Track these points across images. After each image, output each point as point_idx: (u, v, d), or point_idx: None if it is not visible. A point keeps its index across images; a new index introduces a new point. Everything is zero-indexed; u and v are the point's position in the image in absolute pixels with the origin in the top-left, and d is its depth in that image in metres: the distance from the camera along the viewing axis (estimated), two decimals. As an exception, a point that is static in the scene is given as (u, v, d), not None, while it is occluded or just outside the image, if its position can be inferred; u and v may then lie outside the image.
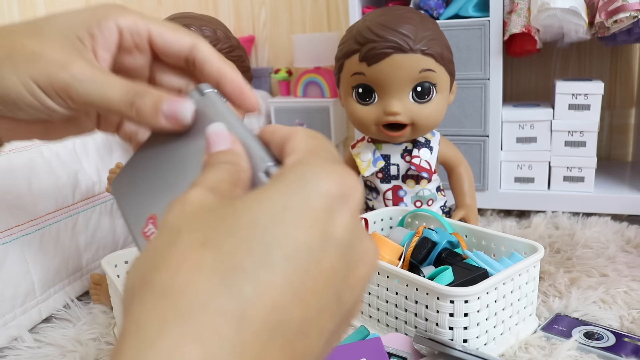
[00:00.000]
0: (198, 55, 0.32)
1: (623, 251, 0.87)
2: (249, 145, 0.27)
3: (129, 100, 0.29)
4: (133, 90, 0.29)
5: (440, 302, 0.55)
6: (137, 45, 0.32)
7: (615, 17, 0.89)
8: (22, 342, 0.67)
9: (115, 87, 0.29)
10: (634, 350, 0.57)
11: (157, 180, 0.31)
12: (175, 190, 0.28)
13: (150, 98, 0.30)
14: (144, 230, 0.29)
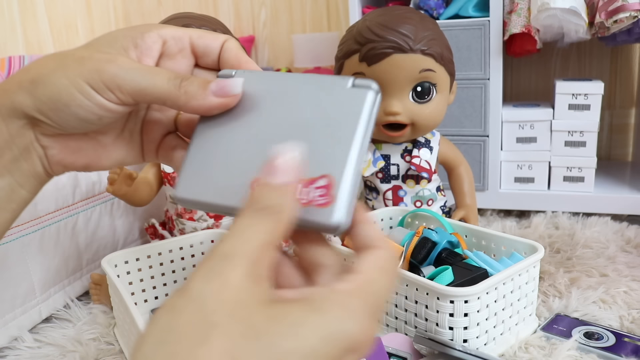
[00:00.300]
0: (224, 46, 0.35)
1: (623, 251, 0.87)
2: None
3: (177, 83, 0.31)
4: (179, 75, 0.31)
5: (440, 302, 0.55)
6: (180, 50, 0.34)
7: (615, 17, 0.89)
8: (22, 342, 0.67)
9: (160, 73, 0.31)
10: (634, 350, 0.57)
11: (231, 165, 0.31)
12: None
13: (197, 80, 0.32)
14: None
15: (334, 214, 0.27)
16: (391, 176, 0.84)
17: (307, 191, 0.28)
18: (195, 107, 0.31)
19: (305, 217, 0.28)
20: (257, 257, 0.24)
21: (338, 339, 0.23)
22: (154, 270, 0.73)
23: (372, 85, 0.30)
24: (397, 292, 0.60)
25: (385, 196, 0.85)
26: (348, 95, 0.30)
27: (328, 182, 0.28)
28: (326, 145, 0.29)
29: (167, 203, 0.86)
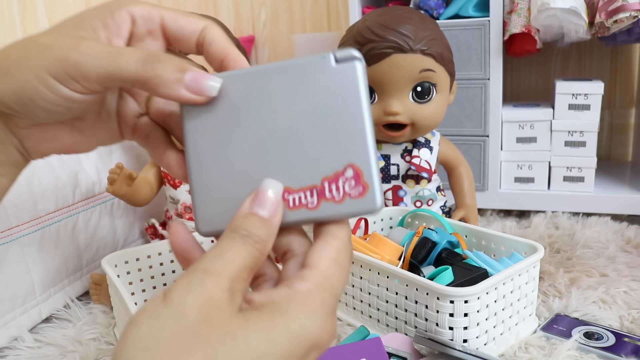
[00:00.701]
0: (207, 35, 0.32)
1: (623, 251, 0.87)
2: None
3: (148, 65, 0.28)
4: (151, 55, 0.29)
5: (440, 302, 0.55)
6: (150, 32, 0.32)
7: (615, 17, 0.89)
8: (22, 342, 0.67)
9: (128, 52, 0.29)
10: (634, 350, 0.57)
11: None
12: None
13: (172, 63, 0.29)
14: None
15: (376, 200, 0.28)
16: (391, 176, 0.84)
17: (337, 187, 0.28)
18: (164, 95, 0.29)
19: (344, 212, 0.28)
20: (237, 277, 0.25)
21: (303, 338, 0.25)
22: (154, 270, 0.73)
23: (355, 55, 0.28)
24: (397, 292, 0.61)
25: (385, 196, 0.85)
26: (336, 73, 0.28)
27: (355, 171, 0.28)
28: (337, 134, 0.28)
29: (167, 203, 0.86)
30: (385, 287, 0.62)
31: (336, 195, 0.28)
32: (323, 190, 0.28)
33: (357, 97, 0.28)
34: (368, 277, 0.64)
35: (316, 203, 0.28)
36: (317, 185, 0.28)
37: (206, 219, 0.30)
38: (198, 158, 0.30)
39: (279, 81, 0.29)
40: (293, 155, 0.29)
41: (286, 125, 0.29)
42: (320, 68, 0.29)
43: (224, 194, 0.30)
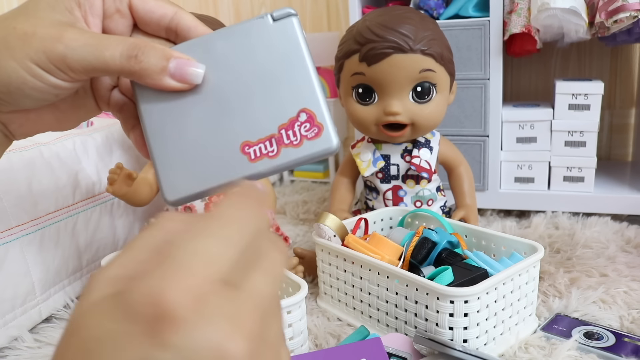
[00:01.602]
0: (181, 23, 0.32)
1: (623, 251, 0.87)
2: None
3: (131, 55, 0.29)
4: (134, 45, 0.29)
5: (440, 302, 0.55)
6: (117, 10, 0.32)
7: (615, 17, 0.89)
8: (22, 342, 0.67)
9: (112, 45, 0.29)
10: (634, 350, 0.57)
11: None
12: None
13: (156, 53, 0.29)
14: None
15: (331, 138, 0.29)
16: (391, 176, 0.84)
17: (293, 132, 0.29)
18: (150, 84, 0.30)
19: (304, 154, 0.29)
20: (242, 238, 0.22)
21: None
22: (154, 271, 0.72)
23: (290, 12, 0.31)
24: (397, 292, 0.61)
25: (385, 196, 0.85)
26: (275, 30, 0.31)
27: (308, 114, 0.29)
28: (286, 84, 0.30)
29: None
30: (385, 287, 0.62)
31: (294, 140, 0.29)
32: (281, 137, 0.29)
33: (298, 48, 0.30)
34: (368, 277, 0.64)
35: (276, 150, 0.29)
36: (274, 134, 0.29)
37: (172, 187, 0.30)
38: (155, 129, 0.31)
39: (224, 45, 0.31)
40: (247, 111, 0.30)
41: (237, 85, 0.30)
42: (260, 28, 0.31)
43: (186, 160, 0.30)
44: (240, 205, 0.21)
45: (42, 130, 0.34)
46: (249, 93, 0.30)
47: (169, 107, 0.31)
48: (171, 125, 0.30)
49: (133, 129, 0.34)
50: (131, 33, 0.33)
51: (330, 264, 0.70)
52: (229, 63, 0.30)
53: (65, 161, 0.78)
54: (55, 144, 0.78)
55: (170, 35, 0.32)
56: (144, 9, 0.32)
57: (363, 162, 0.84)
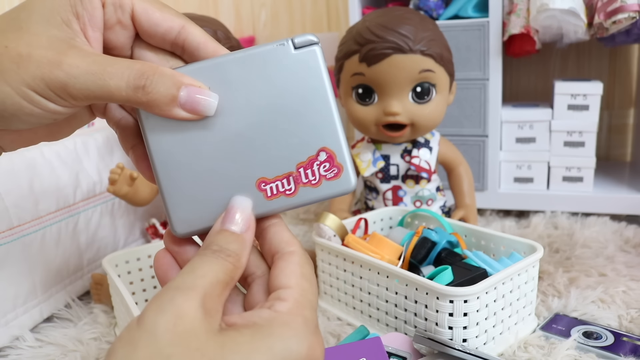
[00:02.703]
0: (188, 39, 0.29)
1: (622, 251, 0.87)
2: None
3: (139, 85, 0.26)
4: (141, 72, 0.26)
5: (439, 302, 0.55)
6: (119, 21, 0.29)
7: (614, 18, 0.90)
8: (23, 341, 0.67)
9: (117, 73, 0.26)
10: (632, 350, 0.58)
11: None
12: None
13: (165, 81, 0.27)
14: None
15: (349, 179, 0.29)
16: (391, 176, 0.85)
17: (312, 171, 0.29)
18: (158, 114, 0.27)
19: (321, 194, 0.29)
20: (211, 292, 0.25)
21: (288, 359, 0.24)
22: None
23: (313, 40, 0.29)
24: (396, 292, 0.61)
25: (385, 196, 0.86)
26: (296, 59, 0.29)
27: (328, 154, 0.29)
28: (306, 120, 0.29)
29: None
30: (385, 286, 0.62)
31: (312, 179, 0.29)
32: (299, 176, 0.29)
33: (321, 82, 0.29)
34: (368, 277, 0.64)
35: (294, 189, 0.29)
36: (292, 172, 0.29)
37: (181, 220, 0.29)
38: (163, 158, 0.29)
39: (240, 71, 0.29)
40: (264, 146, 0.28)
41: (254, 116, 0.29)
42: (280, 55, 0.29)
43: (197, 192, 0.29)
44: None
45: (34, 143, 0.32)
46: (267, 126, 0.29)
47: (178, 135, 0.29)
48: (181, 154, 0.29)
49: (133, 148, 0.32)
50: (132, 44, 0.30)
51: (330, 264, 0.71)
52: (246, 92, 0.29)
53: (66, 161, 0.78)
54: (56, 144, 0.78)
55: (177, 49, 0.30)
56: (148, 21, 0.29)
57: (363, 162, 0.84)
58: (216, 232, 0.28)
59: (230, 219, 0.28)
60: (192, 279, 0.25)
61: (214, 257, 0.26)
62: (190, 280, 0.24)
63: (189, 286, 0.24)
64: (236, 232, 0.27)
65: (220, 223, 0.28)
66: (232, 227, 0.28)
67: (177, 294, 0.24)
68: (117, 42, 0.30)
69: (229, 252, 0.27)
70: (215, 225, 0.28)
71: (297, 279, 0.27)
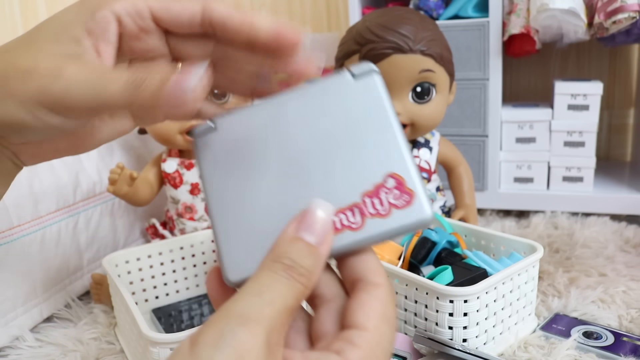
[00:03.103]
0: (213, 17, 0.28)
1: (622, 251, 0.87)
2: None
3: (137, 84, 0.25)
4: (136, 74, 0.25)
5: (439, 302, 0.55)
6: (142, 29, 0.28)
7: (614, 18, 0.90)
8: (23, 341, 0.67)
9: (114, 78, 0.25)
10: (632, 350, 0.58)
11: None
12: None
13: (153, 80, 0.25)
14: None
15: (423, 208, 0.25)
16: (391, 176, 0.85)
17: (380, 200, 0.26)
18: (158, 115, 0.26)
19: (393, 226, 0.25)
20: (277, 324, 0.22)
21: None
22: (155, 270, 0.73)
23: (372, 68, 0.28)
24: (396, 292, 0.61)
25: (385, 196, 0.86)
26: (356, 89, 0.28)
27: (397, 179, 0.26)
28: (369, 147, 0.27)
29: (168, 203, 0.86)
30: (385, 286, 0.62)
31: (381, 209, 0.25)
32: (365, 206, 0.25)
33: (383, 108, 0.27)
34: (368, 277, 0.64)
35: (361, 222, 0.25)
36: (357, 203, 0.26)
37: (235, 266, 0.26)
38: (218, 196, 0.27)
39: (297, 107, 0.28)
40: (325, 178, 0.26)
41: (312, 149, 0.27)
42: (339, 86, 0.28)
43: (253, 235, 0.26)
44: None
45: (56, 157, 0.31)
46: (328, 157, 0.26)
47: (235, 171, 0.27)
48: (237, 191, 0.27)
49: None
50: (168, 41, 0.30)
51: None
52: (303, 124, 0.27)
53: (66, 161, 0.78)
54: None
55: (208, 30, 0.28)
56: (170, 17, 0.28)
57: (363, 162, 0.84)
58: (289, 240, 0.24)
59: (307, 225, 0.24)
60: (259, 307, 0.21)
61: (285, 275, 0.23)
62: (257, 308, 0.21)
63: (255, 317, 0.21)
64: (312, 244, 0.24)
65: (294, 228, 0.24)
66: (308, 236, 0.24)
67: (241, 326, 0.21)
68: (150, 47, 0.29)
69: (302, 270, 0.23)
70: (288, 229, 0.24)
71: (376, 321, 0.24)
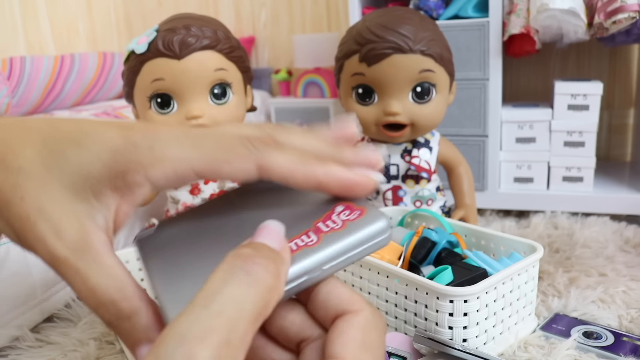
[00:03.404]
0: (272, 177, 0.24)
1: (622, 251, 0.87)
2: None
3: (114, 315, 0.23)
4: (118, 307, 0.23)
5: (439, 302, 0.55)
6: (184, 183, 0.25)
7: (614, 18, 0.90)
8: (23, 341, 0.67)
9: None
10: (632, 350, 0.58)
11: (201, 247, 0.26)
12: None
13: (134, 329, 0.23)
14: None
15: (377, 215, 0.24)
16: (391, 176, 0.85)
17: (332, 220, 0.25)
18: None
19: (350, 236, 0.24)
20: (232, 337, 0.18)
21: None
22: (155, 270, 0.73)
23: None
24: (396, 292, 0.61)
25: (385, 196, 0.86)
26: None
27: (345, 204, 0.25)
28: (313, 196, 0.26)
29: (168, 203, 0.86)
30: (385, 286, 0.62)
31: (335, 225, 0.24)
32: (319, 227, 0.24)
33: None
34: (368, 277, 0.64)
35: (317, 239, 0.24)
36: (310, 228, 0.25)
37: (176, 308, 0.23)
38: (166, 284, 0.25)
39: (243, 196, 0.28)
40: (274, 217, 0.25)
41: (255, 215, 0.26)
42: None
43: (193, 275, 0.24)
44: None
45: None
46: (272, 213, 0.26)
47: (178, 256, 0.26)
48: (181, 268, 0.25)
49: None
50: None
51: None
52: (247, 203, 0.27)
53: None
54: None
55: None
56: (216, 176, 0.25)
57: (363, 162, 0.84)
58: (249, 245, 0.21)
59: (264, 234, 0.22)
60: (205, 320, 0.18)
61: (242, 272, 0.19)
62: (202, 322, 0.18)
63: (198, 335, 0.17)
64: (274, 248, 0.21)
65: (249, 242, 0.22)
66: (268, 242, 0.22)
67: (178, 348, 0.17)
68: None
69: (264, 261, 0.20)
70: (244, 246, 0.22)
71: (354, 350, 0.21)
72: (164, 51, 0.71)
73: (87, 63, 1.23)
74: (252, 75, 0.82)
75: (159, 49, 0.71)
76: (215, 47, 0.73)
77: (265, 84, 1.65)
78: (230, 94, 0.77)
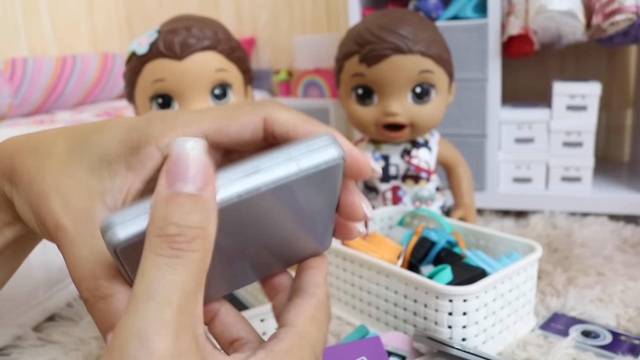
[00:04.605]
0: (276, 129, 0.25)
1: (620, 250, 0.88)
2: None
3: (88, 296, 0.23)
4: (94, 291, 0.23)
5: (439, 301, 0.56)
6: None
7: (612, 19, 0.90)
8: (25, 340, 0.68)
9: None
10: (630, 349, 0.58)
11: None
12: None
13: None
14: None
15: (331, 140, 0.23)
16: (390, 176, 0.85)
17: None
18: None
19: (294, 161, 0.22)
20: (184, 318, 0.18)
21: None
22: (156, 270, 0.73)
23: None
24: (396, 291, 0.61)
25: (384, 196, 0.86)
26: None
27: None
28: None
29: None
30: (384, 286, 0.63)
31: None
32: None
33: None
34: (367, 276, 0.65)
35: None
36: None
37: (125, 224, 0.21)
38: None
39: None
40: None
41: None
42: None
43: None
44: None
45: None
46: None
47: None
48: None
49: None
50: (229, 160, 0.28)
51: (330, 263, 0.71)
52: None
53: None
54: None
55: (272, 142, 0.26)
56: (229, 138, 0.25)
57: (363, 162, 0.85)
58: (164, 201, 0.18)
59: (177, 172, 0.19)
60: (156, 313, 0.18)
61: (173, 255, 0.18)
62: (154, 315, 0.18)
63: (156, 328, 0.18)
64: (192, 193, 0.19)
65: (165, 182, 0.19)
66: (183, 186, 0.19)
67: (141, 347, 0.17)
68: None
69: (192, 232, 0.18)
70: (159, 186, 0.19)
71: (305, 320, 0.25)
72: (165, 52, 0.71)
73: (89, 64, 1.23)
74: (252, 76, 0.83)
75: (160, 50, 0.71)
76: (216, 48, 0.74)
77: (265, 85, 1.66)
78: (231, 94, 0.77)
